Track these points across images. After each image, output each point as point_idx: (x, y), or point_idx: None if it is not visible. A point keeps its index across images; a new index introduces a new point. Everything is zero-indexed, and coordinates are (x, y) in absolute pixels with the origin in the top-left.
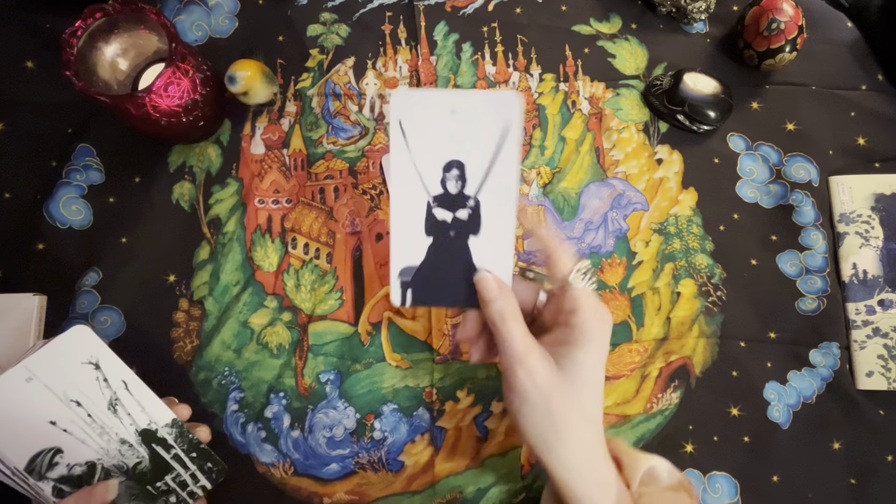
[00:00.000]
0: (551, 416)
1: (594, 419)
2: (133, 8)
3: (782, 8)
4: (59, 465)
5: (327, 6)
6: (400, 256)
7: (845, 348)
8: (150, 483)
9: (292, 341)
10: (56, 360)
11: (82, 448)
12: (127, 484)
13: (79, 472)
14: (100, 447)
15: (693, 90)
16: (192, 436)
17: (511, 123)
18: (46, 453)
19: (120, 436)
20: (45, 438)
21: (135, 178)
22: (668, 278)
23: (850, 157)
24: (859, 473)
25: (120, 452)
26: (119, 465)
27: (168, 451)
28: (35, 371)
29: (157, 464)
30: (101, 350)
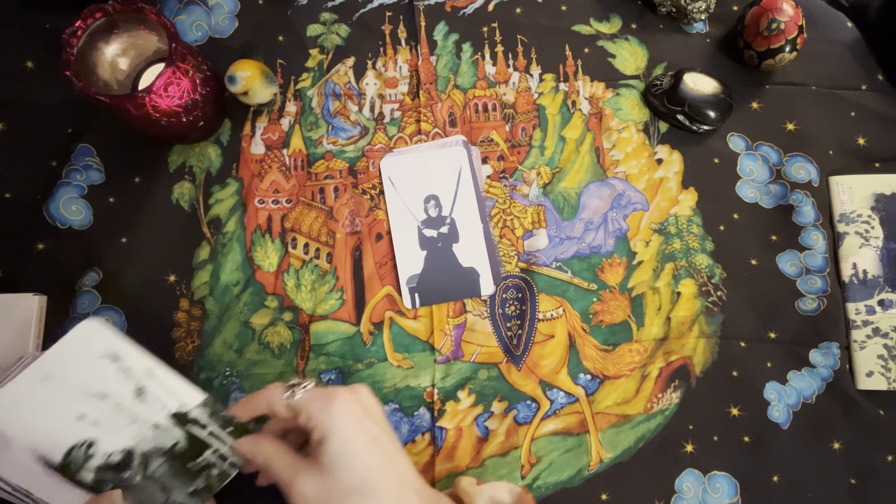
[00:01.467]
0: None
1: (377, 489)
2: (133, 8)
3: (782, 8)
4: (96, 457)
5: (327, 6)
6: (405, 269)
7: (845, 348)
8: (191, 460)
9: (294, 341)
10: (70, 357)
11: (116, 437)
12: (169, 464)
13: (117, 460)
14: (134, 434)
15: (693, 90)
16: (224, 412)
17: (462, 163)
18: (80, 447)
19: (152, 421)
20: (75, 433)
21: (135, 178)
22: (668, 278)
23: (850, 157)
24: (859, 473)
25: (155, 436)
26: (157, 447)
27: (203, 430)
28: (50, 371)
29: (194, 442)
30: (116, 341)
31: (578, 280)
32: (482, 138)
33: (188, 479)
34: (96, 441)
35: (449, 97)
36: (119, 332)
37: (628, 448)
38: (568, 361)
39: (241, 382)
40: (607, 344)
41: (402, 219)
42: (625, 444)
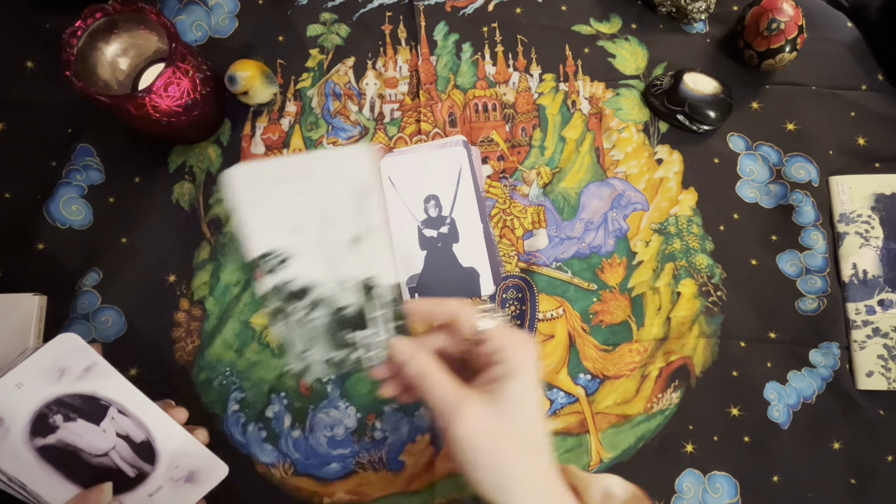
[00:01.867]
0: (499, 456)
1: (538, 447)
2: (133, 8)
3: (782, 8)
4: (282, 273)
5: (327, 6)
6: (405, 269)
7: (845, 348)
8: (347, 330)
9: None
10: None
11: (309, 268)
12: (329, 321)
13: (293, 288)
14: (322, 276)
15: (693, 90)
16: (400, 307)
17: (462, 164)
18: (276, 256)
19: (343, 275)
20: (284, 240)
21: (135, 178)
22: (668, 278)
23: (850, 157)
24: (859, 473)
25: (336, 290)
26: (330, 300)
27: (375, 310)
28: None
29: (360, 316)
30: None
31: (578, 280)
32: (482, 138)
33: (331, 346)
34: (291, 258)
35: (449, 97)
36: None
37: (628, 448)
38: (568, 361)
39: (241, 382)
40: (607, 344)
41: (401, 219)
42: (625, 444)
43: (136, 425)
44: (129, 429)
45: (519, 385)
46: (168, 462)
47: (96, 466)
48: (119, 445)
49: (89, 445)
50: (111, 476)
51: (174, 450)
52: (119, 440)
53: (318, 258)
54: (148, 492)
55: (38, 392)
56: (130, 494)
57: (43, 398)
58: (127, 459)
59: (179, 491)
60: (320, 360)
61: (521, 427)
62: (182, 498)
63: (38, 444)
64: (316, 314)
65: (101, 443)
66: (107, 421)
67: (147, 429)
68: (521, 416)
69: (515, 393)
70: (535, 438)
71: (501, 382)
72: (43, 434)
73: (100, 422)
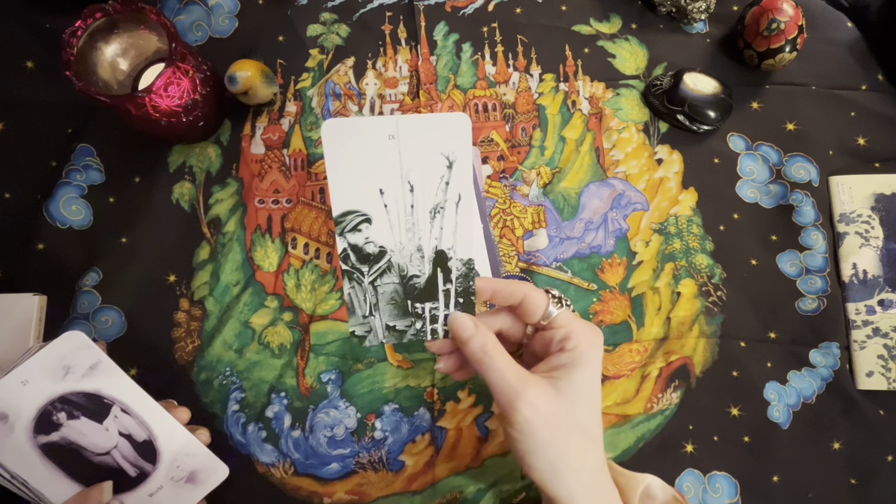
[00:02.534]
0: (559, 444)
1: (597, 438)
2: (133, 8)
3: (782, 8)
4: (360, 234)
5: (327, 6)
6: None
7: (845, 348)
8: (413, 301)
9: (294, 341)
10: None
11: (387, 232)
12: (397, 289)
13: (369, 251)
14: (401, 241)
15: (693, 90)
16: (471, 284)
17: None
18: (358, 216)
19: (419, 243)
20: (368, 201)
21: (135, 178)
22: (668, 278)
23: (850, 157)
24: (859, 473)
25: (410, 258)
26: (401, 267)
27: (444, 283)
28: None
29: (429, 287)
30: None
31: (578, 280)
32: (482, 138)
33: (396, 313)
34: (370, 220)
35: (449, 97)
36: None
37: (628, 448)
38: None
39: (241, 382)
40: (607, 344)
41: None
42: (625, 444)
43: (138, 424)
44: (131, 428)
45: (585, 375)
46: (169, 462)
47: (98, 465)
48: (121, 444)
49: (92, 444)
50: (112, 475)
51: (176, 450)
52: (121, 439)
53: (396, 223)
54: (148, 492)
55: (43, 389)
56: (131, 494)
57: (48, 395)
58: (128, 458)
59: (180, 491)
60: (382, 326)
61: (583, 417)
62: (182, 498)
63: (41, 442)
64: (386, 280)
65: (103, 441)
66: (109, 419)
67: (149, 428)
68: (585, 407)
69: (581, 382)
70: (595, 430)
71: (568, 370)
72: (46, 431)
73: (103, 420)
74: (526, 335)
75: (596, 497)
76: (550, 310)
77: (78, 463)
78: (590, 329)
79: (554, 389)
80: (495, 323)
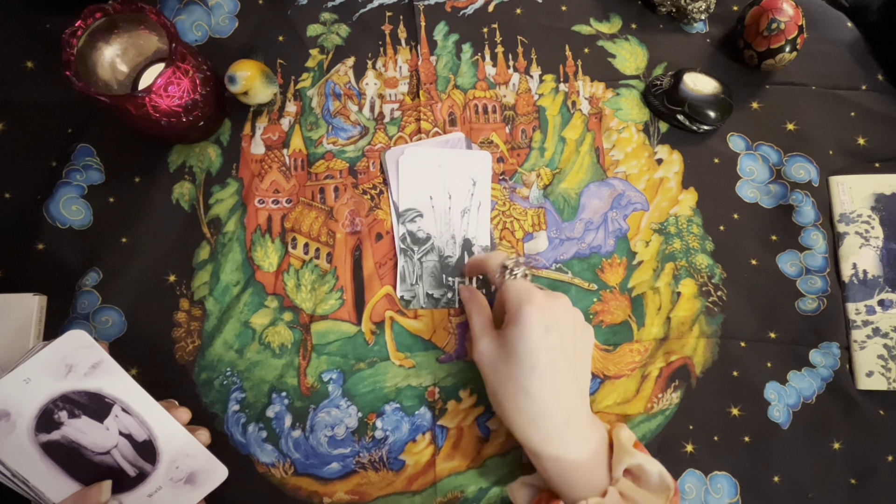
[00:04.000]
0: (498, 384)
1: (532, 392)
2: (133, 8)
3: (782, 8)
4: (415, 224)
5: (327, 6)
6: None
7: (845, 348)
8: (447, 274)
9: (294, 341)
10: None
11: (432, 224)
12: (436, 265)
13: (421, 236)
14: (440, 231)
15: (693, 90)
16: None
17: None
18: (414, 212)
19: (454, 233)
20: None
21: (135, 178)
22: (668, 278)
23: (850, 157)
24: (859, 473)
25: (445, 242)
26: (440, 248)
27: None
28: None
29: (458, 265)
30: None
31: (579, 280)
32: (482, 140)
33: (434, 284)
34: (422, 215)
35: (449, 97)
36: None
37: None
38: None
39: (242, 382)
40: (607, 344)
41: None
42: None
43: (138, 424)
44: (131, 427)
45: (515, 332)
46: (169, 462)
47: (98, 464)
48: (121, 444)
49: (92, 443)
50: (112, 475)
51: (175, 450)
52: (121, 439)
53: (439, 219)
54: (147, 492)
55: (45, 387)
56: (130, 494)
57: (50, 394)
58: (128, 458)
59: (179, 492)
60: (423, 294)
61: (513, 369)
62: (181, 499)
63: (42, 440)
64: (429, 258)
65: (103, 440)
66: (110, 419)
67: (149, 428)
68: (514, 359)
69: (512, 339)
70: (526, 381)
71: (505, 328)
72: (47, 430)
73: (103, 419)
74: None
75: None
76: (497, 277)
77: (78, 462)
78: (524, 293)
79: (497, 341)
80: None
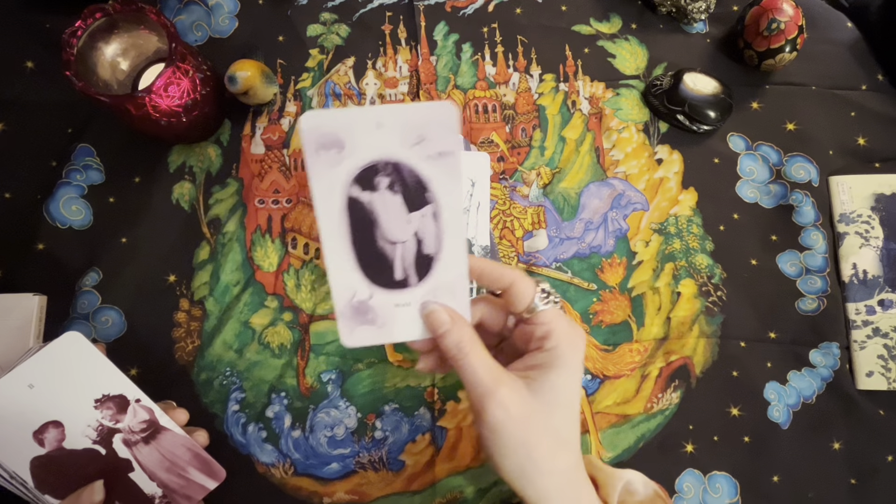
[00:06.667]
0: (528, 447)
1: (571, 442)
2: (133, 8)
3: (782, 8)
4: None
5: (327, 6)
6: None
7: (845, 348)
8: None
9: (294, 341)
10: None
11: None
12: None
13: None
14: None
15: (693, 90)
16: None
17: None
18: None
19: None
20: None
21: (135, 178)
22: (668, 278)
23: (850, 157)
24: (859, 473)
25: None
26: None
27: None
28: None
29: None
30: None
31: (578, 280)
32: (482, 139)
33: None
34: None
35: (449, 97)
36: None
37: (628, 448)
38: None
39: (242, 383)
40: (607, 344)
41: None
42: (625, 443)
43: (435, 235)
44: (427, 235)
45: (562, 377)
46: (428, 288)
47: (377, 250)
48: (409, 244)
49: (388, 225)
50: (384, 270)
51: (441, 282)
52: (412, 239)
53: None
54: (397, 301)
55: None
56: (384, 291)
57: (404, 156)
58: (405, 261)
59: (410, 321)
60: None
61: (556, 420)
62: (411, 330)
63: (352, 193)
64: None
65: (399, 230)
66: (417, 214)
67: (441, 245)
68: (558, 409)
69: (557, 384)
70: (568, 433)
71: (544, 371)
72: (363, 187)
73: (412, 212)
74: (507, 327)
75: (568, 499)
76: (536, 303)
77: (364, 237)
78: (571, 328)
79: (528, 390)
80: (476, 312)
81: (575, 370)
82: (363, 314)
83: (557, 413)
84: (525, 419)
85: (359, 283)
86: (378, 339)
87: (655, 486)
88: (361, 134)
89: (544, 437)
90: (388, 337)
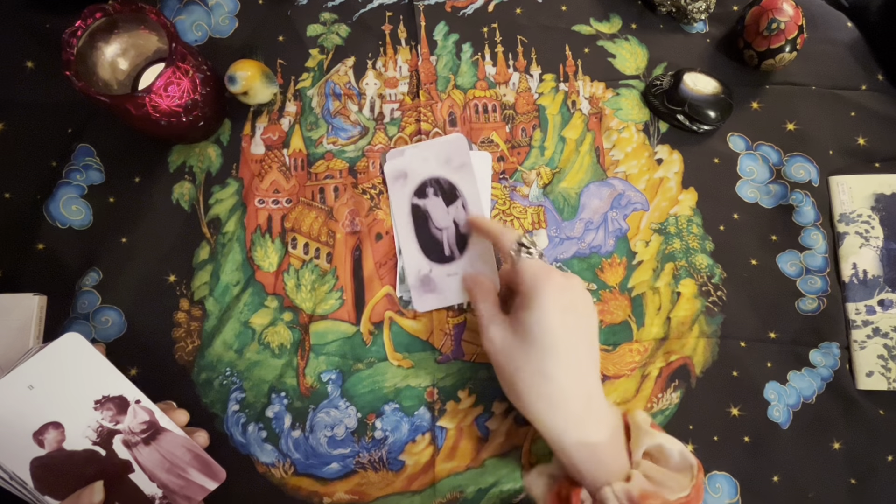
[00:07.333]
0: (512, 373)
1: (552, 375)
2: (133, 8)
3: (782, 8)
4: None
5: (327, 6)
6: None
7: (845, 348)
8: None
9: (294, 341)
10: None
11: None
12: None
13: None
14: None
15: (693, 90)
16: None
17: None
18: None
19: None
20: None
21: (135, 178)
22: (668, 278)
23: (850, 157)
24: (859, 473)
25: None
26: None
27: None
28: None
29: None
30: None
31: None
32: (482, 139)
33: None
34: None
35: (449, 97)
36: None
37: None
38: None
39: (242, 383)
40: (607, 344)
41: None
42: None
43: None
44: (460, 219)
45: (533, 316)
46: (468, 258)
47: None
48: (450, 229)
49: (435, 216)
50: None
51: (473, 255)
52: (452, 225)
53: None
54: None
55: (433, 169)
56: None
57: (434, 174)
58: (450, 240)
59: (451, 285)
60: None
61: (534, 354)
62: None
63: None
64: None
65: (443, 219)
66: (453, 207)
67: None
68: (535, 345)
69: (529, 322)
70: (549, 367)
71: (519, 311)
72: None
73: (449, 205)
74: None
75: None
76: (513, 254)
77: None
78: (541, 273)
79: (511, 327)
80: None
81: (546, 310)
82: (427, 285)
83: (534, 347)
84: (505, 351)
85: (422, 262)
86: (439, 304)
87: (693, 462)
88: (414, 166)
89: (525, 367)
90: (444, 301)
